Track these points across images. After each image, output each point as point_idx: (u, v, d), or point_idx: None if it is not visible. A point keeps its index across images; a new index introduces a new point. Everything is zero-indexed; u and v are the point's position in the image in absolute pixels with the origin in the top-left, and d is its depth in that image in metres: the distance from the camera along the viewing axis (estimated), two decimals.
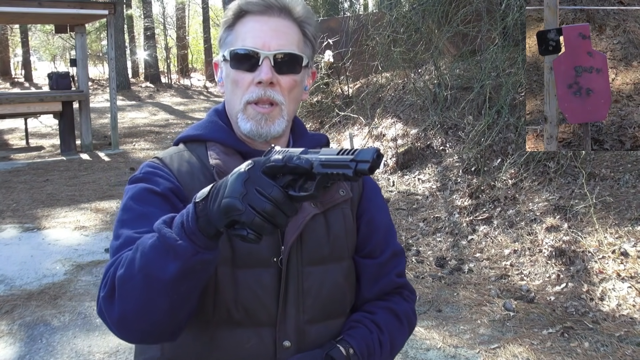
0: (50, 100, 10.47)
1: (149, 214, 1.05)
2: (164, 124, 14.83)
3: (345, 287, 1.20)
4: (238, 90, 1.13)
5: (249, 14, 1.13)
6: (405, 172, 6.68)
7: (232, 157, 1.15)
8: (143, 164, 1.18)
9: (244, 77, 1.12)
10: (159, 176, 1.12)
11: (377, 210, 1.28)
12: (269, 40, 1.11)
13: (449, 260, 4.67)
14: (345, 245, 1.20)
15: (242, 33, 1.13)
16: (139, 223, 1.05)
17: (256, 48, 1.10)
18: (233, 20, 1.15)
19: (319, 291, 1.15)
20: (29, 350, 3.45)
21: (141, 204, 1.08)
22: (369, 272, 1.24)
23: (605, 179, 4.81)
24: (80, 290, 4.35)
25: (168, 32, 27.74)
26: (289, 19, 1.14)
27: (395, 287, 1.27)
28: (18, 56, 31.76)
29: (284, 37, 1.12)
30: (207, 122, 1.22)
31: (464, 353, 3.29)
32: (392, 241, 1.29)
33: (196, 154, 1.17)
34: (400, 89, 8.60)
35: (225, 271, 1.10)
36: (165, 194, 1.09)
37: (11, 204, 6.93)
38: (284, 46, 1.11)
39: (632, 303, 3.61)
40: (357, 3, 13.43)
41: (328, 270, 1.16)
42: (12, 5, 9.62)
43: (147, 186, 1.10)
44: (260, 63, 1.10)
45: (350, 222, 1.23)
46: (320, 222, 1.17)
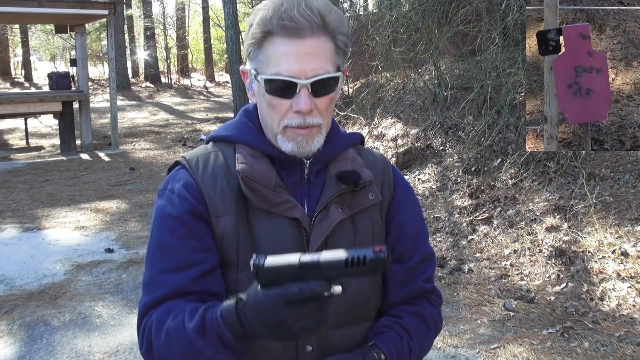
0: (50, 100, 10.48)
1: (168, 245, 1.11)
2: (164, 124, 14.83)
3: (370, 292, 1.18)
4: (275, 114, 1.11)
5: (279, 35, 1.07)
6: (405, 172, 6.68)
7: (259, 160, 1.14)
8: (171, 172, 1.19)
9: (281, 103, 1.09)
10: (179, 195, 1.13)
11: (408, 213, 1.25)
12: (304, 65, 1.06)
13: (449, 260, 4.67)
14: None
15: (273, 57, 1.07)
16: (159, 254, 1.12)
17: (292, 77, 1.06)
18: (261, 38, 1.08)
19: (343, 296, 1.12)
20: (29, 350, 3.45)
21: (162, 232, 1.12)
22: (397, 277, 1.22)
23: (605, 179, 4.81)
24: (80, 290, 4.35)
25: (168, 32, 27.74)
26: (322, 34, 1.08)
27: (422, 292, 1.24)
28: (18, 56, 31.77)
29: (319, 58, 1.07)
30: (237, 122, 1.21)
31: (464, 353, 3.29)
32: (422, 244, 1.26)
33: (224, 155, 1.17)
34: (400, 89, 8.60)
35: (248, 275, 1.09)
36: (180, 217, 1.11)
37: (11, 204, 6.93)
38: (319, 69, 1.07)
39: (632, 303, 3.61)
40: (357, 3, 13.42)
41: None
42: (12, 5, 9.62)
43: (167, 211, 1.13)
44: (298, 91, 1.06)
45: (378, 226, 1.20)
46: (347, 227, 1.16)
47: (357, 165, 1.19)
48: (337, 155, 1.19)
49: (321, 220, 1.13)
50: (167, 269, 1.09)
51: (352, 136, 1.26)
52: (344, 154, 1.21)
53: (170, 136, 12.85)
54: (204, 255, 1.10)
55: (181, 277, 1.09)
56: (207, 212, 1.12)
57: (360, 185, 1.16)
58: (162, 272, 1.10)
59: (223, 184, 1.13)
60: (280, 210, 1.11)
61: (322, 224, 1.12)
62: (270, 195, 1.11)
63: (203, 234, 1.11)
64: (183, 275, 1.09)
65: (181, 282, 1.08)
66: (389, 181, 1.24)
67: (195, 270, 1.09)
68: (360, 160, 1.22)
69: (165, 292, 1.08)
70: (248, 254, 1.09)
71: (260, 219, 1.12)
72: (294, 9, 1.04)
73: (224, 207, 1.12)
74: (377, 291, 1.21)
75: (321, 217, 1.13)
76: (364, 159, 1.23)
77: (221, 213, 1.12)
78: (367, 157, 1.26)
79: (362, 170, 1.18)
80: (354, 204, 1.16)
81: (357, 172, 1.17)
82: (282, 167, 1.16)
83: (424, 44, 7.57)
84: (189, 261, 1.09)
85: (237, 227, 1.11)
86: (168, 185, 1.16)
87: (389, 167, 1.27)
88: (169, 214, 1.12)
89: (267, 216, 1.12)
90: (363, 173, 1.18)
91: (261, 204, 1.11)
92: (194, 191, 1.13)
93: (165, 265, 1.10)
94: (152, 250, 1.13)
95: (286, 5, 1.05)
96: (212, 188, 1.13)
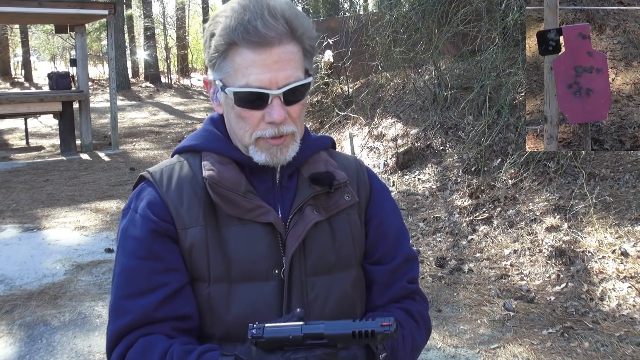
0: (50, 100, 10.48)
1: (129, 268, 1.07)
2: (164, 124, 14.83)
3: (354, 297, 1.15)
4: (246, 126, 1.07)
5: (245, 46, 1.02)
6: (405, 172, 6.68)
7: (227, 166, 1.11)
8: (135, 190, 1.15)
9: (253, 115, 1.05)
10: (142, 215, 1.09)
11: (387, 214, 1.22)
12: (275, 74, 1.02)
13: (449, 260, 4.67)
14: (352, 252, 1.15)
15: (241, 67, 1.03)
16: (123, 279, 1.08)
17: (263, 88, 1.02)
18: (226, 49, 1.03)
19: (325, 302, 1.11)
20: (29, 350, 3.45)
21: (124, 255, 1.09)
22: (380, 279, 1.19)
23: (605, 179, 4.81)
24: (80, 290, 4.35)
25: (168, 32, 27.74)
26: (289, 41, 1.04)
27: (407, 293, 1.21)
28: (18, 56, 31.77)
29: (289, 66, 1.03)
30: (202, 131, 1.18)
31: (464, 353, 3.29)
32: (404, 246, 1.23)
33: (190, 165, 1.13)
34: (400, 89, 8.60)
35: (221, 287, 1.07)
36: (141, 237, 1.07)
37: (11, 204, 6.93)
38: (290, 77, 1.03)
39: (632, 303, 3.61)
40: (357, 3, 13.42)
41: (334, 280, 1.12)
42: (12, 5, 9.62)
43: (129, 233, 1.09)
44: (270, 102, 1.03)
45: (357, 227, 1.17)
46: (325, 229, 1.12)
47: (330, 166, 1.17)
48: (309, 158, 1.16)
49: (296, 223, 1.09)
50: (130, 294, 1.06)
51: (322, 139, 1.24)
52: (316, 157, 1.18)
53: (171, 136, 12.86)
54: (168, 276, 1.06)
55: (144, 302, 1.05)
56: (173, 227, 1.08)
57: (335, 186, 1.14)
58: (125, 298, 1.06)
59: (190, 194, 1.09)
60: (253, 216, 1.08)
61: (297, 226, 1.09)
62: (240, 201, 1.07)
63: (166, 253, 1.07)
64: (146, 300, 1.05)
65: (145, 307, 1.04)
66: (364, 182, 1.22)
67: (158, 294, 1.05)
68: (333, 162, 1.19)
69: (130, 319, 1.04)
70: (219, 265, 1.07)
71: (232, 227, 1.08)
72: (257, 20, 1.00)
73: (191, 218, 1.08)
74: (361, 296, 1.18)
75: (296, 220, 1.10)
76: (337, 161, 1.21)
77: (188, 225, 1.08)
78: (340, 159, 1.23)
79: (336, 172, 1.16)
80: (330, 205, 1.13)
81: (331, 173, 1.14)
82: (252, 173, 1.13)
83: (424, 44, 7.57)
84: (152, 284, 1.05)
85: (206, 237, 1.07)
86: (132, 204, 1.12)
87: (363, 169, 1.25)
88: (131, 235, 1.08)
89: (240, 223, 1.08)
90: (337, 174, 1.15)
91: (231, 210, 1.07)
92: (158, 208, 1.09)
93: (128, 291, 1.06)
94: (116, 275, 1.09)
95: (249, 15, 1.00)
96: (178, 200, 1.09)
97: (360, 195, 1.19)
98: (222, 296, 1.07)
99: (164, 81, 25.43)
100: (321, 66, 9.79)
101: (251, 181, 1.12)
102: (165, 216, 1.08)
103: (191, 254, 1.07)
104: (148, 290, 1.05)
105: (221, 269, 1.07)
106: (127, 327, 1.04)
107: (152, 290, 1.05)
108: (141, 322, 1.04)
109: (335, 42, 9.65)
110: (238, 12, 1.02)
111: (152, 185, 1.12)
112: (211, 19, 1.08)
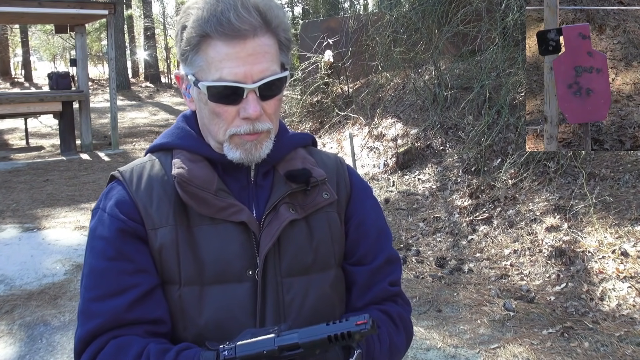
0: (50, 100, 10.48)
1: (97, 269, 1.03)
2: (164, 124, 14.83)
3: (334, 298, 1.10)
4: (220, 122, 1.03)
5: (218, 39, 0.98)
6: (405, 172, 6.68)
7: (198, 163, 1.06)
8: (105, 189, 1.11)
9: (227, 110, 1.01)
10: (110, 214, 1.05)
11: (368, 212, 1.17)
12: (250, 67, 0.98)
13: (449, 260, 4.67)
14: (331, 252, 1.11)
15: (214, 61, 0.98)
16: (90, 280, 1.03)
17: (238, 82, 0.98)
18: (198, 42, 0.99)
19: (302, 304, 1.06)
20: (29, 350, 3.45)
21: (92, 255, 1.05)
22: (360, 280, 1.14)
23: (605, 179, 4.81)
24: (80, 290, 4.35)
25: (168, 32, 27.73)
26: (264, 33, 1.00)
27: (388, 295, 1.16)
28: (18, 56, 31.77)
29: (264, 59, 0.99)
30: (174, 128, 1.14)
31: (464, 353, 3.29)
32: (386, 246, 1.18)
33: (161, 163, 1.09)
34: (400, 89, 8.60)
35: (193, 290, 1.03)
36: (109, 237, 1.03)
37: (11, 204, 6.93)
38: (266, 70, 0.99)
39: (632, 303, 3.61)
40: (357, 3, 13.43)
41: (312, 281, 1.07)
42: (12, 5, 9.62)
43: (97, 232, 1.05)
44: (245, 96, 0.99)
45: (336, 226, 1.13)
46: (301, 228, 1.08)
47: (307, 164, 1.13)
48: (285, 155, 1.12)
49: (270, 222, 1.05)
50: (98, 296, 1.01)
51: (301, 137, 1.19)
52: (293, 154, 1.14)
53: None
54: (138, 277, 1.02)
55: (114, 304, 1.00)
56: (142, 227, 1.04)
57: (312, 183, 1.09)
58: (94, 300, 1.01)
59: (160, 193, 1.05)
60: (225, 215, 1.04)
61: (271, 225, 1.05)
62: (211, 199, 1.03)
63: (135, 254, 1.03)
64: (116, 302, 1.00)
65: (114, 309, 1.00)
66: (344, 180, 1.17)
67: (128, 296, 1.00)
68: (311, 160, 1.15)
69: (99, 322, 1.00)
70: (191, 266, 1.02)
71: (203, 227, 1.04)
72: (230, 11, 0.96)
73: (160, 218, 1.04)
74: (341, 297, 1.14)
75: (270, 219, 1.05)
76: (315, 158, 1.17)
77: (158, 225, 1.03)
78: (319, 156, 1.19)
79: (313, 169, 1.12)
80: (307, 204, 1.09)
81: (308, 170, 1.10)
82: (226, 171, 1.09)
83: (424, 44, 7.57)
84: (121, 286, 1.01)
85: (176, 238, 1.03)
86: (100, 203, 1.08)
87: (344, 166, 1.20)
88: (99, 235, 1.04)
89: (211, 222, 1.04)
90: (314, 171, 1.11)
91: (202, 210, 1.03)
92: (127, 207, 1.05)
93: (96, 292, 1.01)
94: (85, 276, 1.05)
95: (222, 6, 0.97)
96: (147, 200, 1.05)
97: (340, 193, 1.15)
98: (194, 299, 1.03)
99: (164, 81, 25.43)
100: (321, 66, 9.79)
101: (224, 180, 1.08)
102: (134, 215, 1.04)
103: (161, 255, 1.03)
104: (117, 292, 1.00)
105: (192, 271, 1.03)
106: (96, 330, 1.00)
107: (122, 292, 1.00)
108: (111, 324, 1.00)
109: (335, 42, 9.65)
110: (210, 4, 0.98)
111: (121, 184, 1.08)
112: (182, 10, 1.03)
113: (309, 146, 1.21)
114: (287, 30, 1.04)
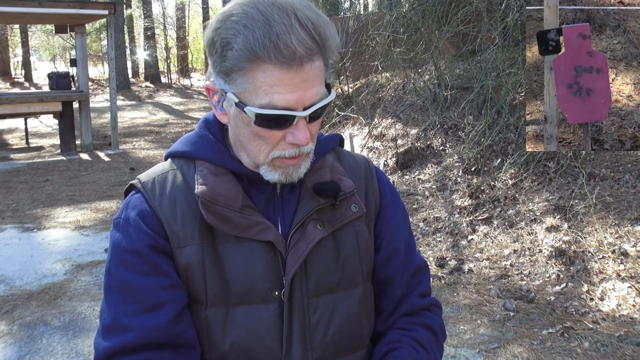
0: (50, 100, 10.48)
1: (130, 283, 0.98)
2: (164, 124, 14.84)
3: (361, 317, 1.06)
4: (263, 145, 0.97)
5: (272, 64, 0.89)
6: (405, 172, 6.68)
7: (222, 177, 1.01)
8: (126, 199, 1.06)
9: (273, 135, 0.95)
10: (135, 227, 1.00)
11: (398, 225, 1.12)
12: (302, 94, 0.91)
13: (449, 260, 4.67)
14: (358, 267, 1.06)
15: (264, 85, 0.89)
16: (122, 295, 0.99)
17: (289, 109, 0.91)
18: (247, 64, 0.90)
19: (328, 324, 1.02)
20: (29, 350, 3.45)
21: (122, 269, 1.00)
22: (389, 297, 1.11)
23: (605, 179, 4.81)
24: (80, 290, 4.34)
25: (168, 32, 27.75)
26: (319, 55, 0.92)
27: (419, 309, 1.13)
28: (18, 56, 31.78)
29: (315, 83, 0.92)
30: (196, 135, 1.08)
31: (464, 353, 3.29)
32: (413, 257, 1.14)
33: (183, 174, 1.04)
34: (400, 89, 8.60)
35: (219, 311, 0.99)
36: (140, 252, 0.99)
37: (11, 204, 6.93)
38: (316, 95, 0.93)
39: (632, 303, 3.61)
40: (357, 3, 13.42)
41: (339, 299, 1.03)
42: (12, 5, 9.62)
43: (124, 245, 1.00)
44: (295, 123, 0.93)
45: (365, 240, 1.07)
46: (329, 245, 1.03)
47: (336, 174, 1.07)
48: (314, 165, 1.05)
49: (297, 242, 1.00)
50: (133, 311, 0.96)
51: (330, 139, 1.13)
52: (321, 163, 1.08)
53: (170, 136, 12.86)
54: (173, 293, 0.98)
55: (150, 320, 0.95)
56: (168, 244, 0.99)
57: (341, 197, 1.04)
58: (127, 315, 0.96)
59: (184, 208, 1.00)
60: (251, 233, 0.99)
61: (298, 245, 1.00)
62: (237, 218, 0.98)
63: (168, 269, 0.99)
64: (152, 318, 0.96)
65: (150, 325, 0.95)
66: (373, 189, 1.12)
67: (165, 311, 0.96)
68: (339, 168, 1.09)
69: (132, 338, 0.95)
70: (217, 286, 0.99)
71: (229, 245, 0.99)
72: (289, 35, 0.87)
73: (186, 236, 0.99)
74: (369, 316, 1.09)
75: (297, 238, 1.01)
76: (344, 164, 1.12)
77: (183, 243, 0.99)
78: (348, 161, 1.14)
79: (342, 180, 1.06)
80: (336, 218, 1.04)
81: (337, 182, 1.05)
82: (251, 184, 1.04)
83: (424, 44, 7.57)
84: (157, 301, 0.96)
85: (203, 257, 0.99)
86: (122, 213, 1.03)
87: (373, 172, 1.15)
88: (126, 249, 0.99)
89: (237, 241, 0.99)
90: (343, 183, 1.06)
91: (227, 229, 0.98)
92: (151, 222, 1.00)
93: (130, 307, 0.96)
94: (113, 290, 0.99)
95: (278, 29, 0.86)
96: (171, 215, 1.00)
97: (369, 204, 1.10)
98: (219, 320, 0.99)
99: (164, 81, 25.45)
100: None
101: (249, 192, 1.03)
102: (159, 231, 1.00)
103: (187, 274, 0.99)
104: (153, 307, 0.96)
105: (219, 291, 0.99)
106: (129, 346, 0.95)
107: (158, 307, 0.96)
108: (144, 341, 0.95)
109: None
110: (262, 22, 0.87)
111: (143, 196, 1.03)
112: (220, 21, 0.92)
113: (336, 148, 1.15)
114: (337, 48, 0.96)
